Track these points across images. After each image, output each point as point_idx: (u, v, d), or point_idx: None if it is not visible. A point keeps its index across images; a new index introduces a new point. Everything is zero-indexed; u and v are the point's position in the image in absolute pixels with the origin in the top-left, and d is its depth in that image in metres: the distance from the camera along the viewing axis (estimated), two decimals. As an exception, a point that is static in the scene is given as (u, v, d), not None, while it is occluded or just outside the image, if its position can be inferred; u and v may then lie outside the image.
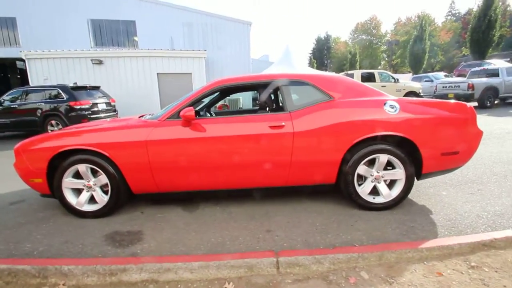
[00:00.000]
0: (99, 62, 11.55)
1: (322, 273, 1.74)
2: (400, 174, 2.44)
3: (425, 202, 2.65)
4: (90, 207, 2.56)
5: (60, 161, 2.46)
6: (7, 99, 8.01)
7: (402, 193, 2.47)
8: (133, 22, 15.30)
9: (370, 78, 11.75)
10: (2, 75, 17.90)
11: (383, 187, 2.48)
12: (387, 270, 1.74)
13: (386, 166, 2.47)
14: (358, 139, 2.36)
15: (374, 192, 2.51)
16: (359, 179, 2.50)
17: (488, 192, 2.80)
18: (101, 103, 8.24)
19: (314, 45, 52.37)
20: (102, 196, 2.53)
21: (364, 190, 2.48)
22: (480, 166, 3.61)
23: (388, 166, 2.49)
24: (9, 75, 18.05)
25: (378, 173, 2.46)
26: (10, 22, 14.38)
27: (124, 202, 2.65)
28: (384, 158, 2.40)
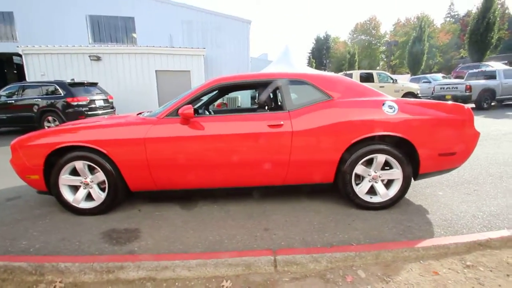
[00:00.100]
0: (97, 59, 11.46)
1: (319, 271, 1.75)
2: (397, 174, 2.45)
3: (421, 202, 2.66)
4: (87, 204, 2.54)
5: (57, 157, 2.44)
6: (4, 95, 7.93)
7: (399, 193, 2.48)
8: (132, 19, 15.19)
9: (368, 78, 11.78)
10: (-1, 71, 17.74)
11: (381, 187, 2.50)
12: (384, 269, 1.75)
13: (383, 166, 2.49)
14: (357, 139, 2.37)
15: (371, 191, 2.52)
16: (357, 179, 2.51)
17: (484, 192, 2.83)
18: (98, 100, 8.19)
19: (313, 44, 52.40)
20: (99, 193, 2.52)
21: (361, 190, 2.49)
22: (476, 167, 3.64)
23: (385, 166, 2.50)
24: (5, 70, 17.87)
25: (375, 173, 2.47)
26: (7, 17, 14.24)
27: (121, 200, 2.64)
28: (381, 158, 2.42)
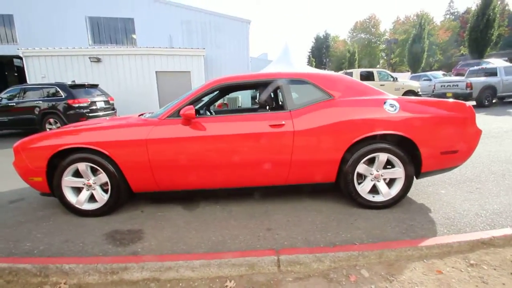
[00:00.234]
0: (97, 60, 11.48)
1: (322, 271, 1.76)
2: (399, 173, 2.45)
3: (424, 200, 2.66)
4: (90, 206, 2.55)
5: (59, 159, 2.45)
6: (5, 97, 7.95)
7: (402, 191, 2.48)
8: (131, 20, 15.21)
9: (369, 77, 11.76)
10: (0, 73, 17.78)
11: (383, 186, 2.49)
12: (387, 268, 1.75)
13: (385, 165, 2.48)
14: (358, 138, 2.37)
15: (373, 190, 2.52)
16: (359, 178, 2.51)
17: (486, 190, 2.83)
18: (99, 101, 8.20)
19: (313, 43, 52.41)
20: (102, 194, 2.53)
21: (363, 189, 2.49)
22: (478, 165, 3.64)
23: (387, 165, 2.50)
24: (6, 73, 17.92)
25: (377, 172, 2.47)
26: (8, 19, 14.27)
27: (124, 201, 2.64)
28: (383, 157, 2.42)
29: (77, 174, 2.51)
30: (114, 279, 1.74)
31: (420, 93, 12.13)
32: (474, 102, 9.81)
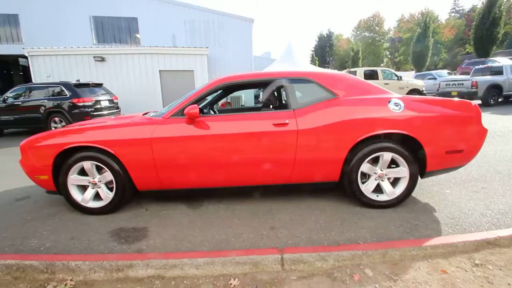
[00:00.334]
0: (102, 59, 11.55)
1: (326, 270, 1.76)
2: (404, 172, 2.44)
3: (428, 200, 2.65)
4: (96, 204, 2.58)
5: (65, 158, 2.48)
6: (11, 96, 8.04)
7: (406, 191, 2.47)
8: (135, 19, 15.27)
9: (373, 75, 11.69)
10: (5, 72, 17.97)
11: (387, 185, 2.49)
12: (391, 268, 1.75)
13: (390, 164, 2.47)
14: (362, 137, 2.36)
15: (377, 190, 2.51)
16: (363, 177, 2.50)
17: (492, 190, 2.80)
18: (104, 100, 8.26)
19: (316, 42, 52.27)
20: (107, 193, 2.56)
21: (367, 188, 2.48)
22: (484, 164, 3.60)
23: (392, 164, 2.49)
24: (12, 72, 18.11)
25: (382, 171, 2.46)
26: (13, 19, 14.40)
27: (129, 199, 2.67)
28: (388, 156, 2.41)
29: (82, 172, 2.54)
30: (119, 276, 1.76)
31: (424, 92, 12.03)
32: (479, 101, 9.70)
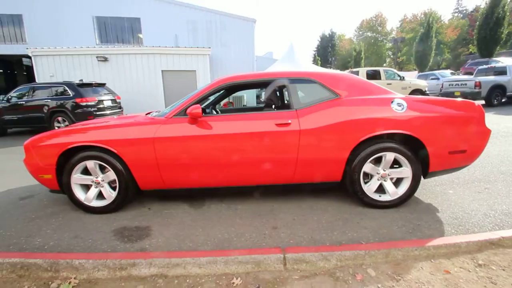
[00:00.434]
0: (104, 59, 11.61)
1: (329, 269, 1.76)
2: (406, 172, 2.43)
3: (431, 200, 2.64)
4: (99, 203, 2.59)
5: (69, 157, 2.49)
6: (15, 96, 8.10)
7: (409, 191, 2.46)
8: (137, 19, 15.33)
9: (375, 75, 11.65)
10: (9, 72, 18.11)
11: (389, 185, 2.48)
12: (394, 268, 1.74)
13: (392, 164, 2.47)
14: (365, 137, 2.36)
15: (380, 190, 2.51)
16: (365, 177, 2.50)
17: (495, 191, 2.79)
18: (106, 100, 8.30)
19: (318, 42, 52.12)
20: (110, 192, 2.57)
21: (370, 188, 2.48)
22: (487, 164, 3.59)
23: (394, 164, 2.48)
24: (15, 72, 18.25)
25: (384, 171, 2.45)
26: (17, 19, 14.50)
27: (131, 198, 2.68)
28: (390, 156, 2.40)
29: (85, 171, 2.55)
30: (122, 275, 1.77)
31: (427, 92, 11.98)
32: (482, 101, 9.65)
